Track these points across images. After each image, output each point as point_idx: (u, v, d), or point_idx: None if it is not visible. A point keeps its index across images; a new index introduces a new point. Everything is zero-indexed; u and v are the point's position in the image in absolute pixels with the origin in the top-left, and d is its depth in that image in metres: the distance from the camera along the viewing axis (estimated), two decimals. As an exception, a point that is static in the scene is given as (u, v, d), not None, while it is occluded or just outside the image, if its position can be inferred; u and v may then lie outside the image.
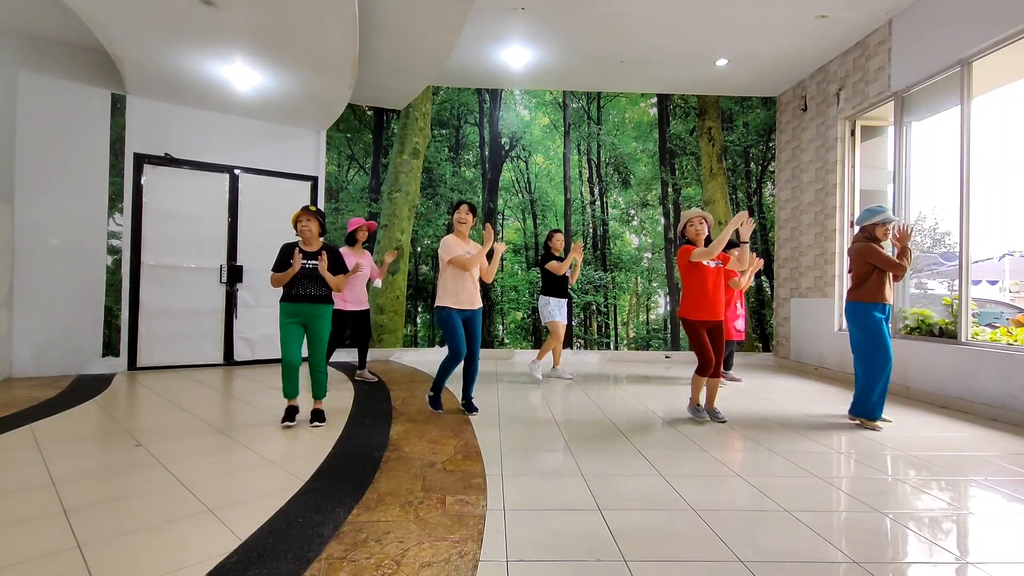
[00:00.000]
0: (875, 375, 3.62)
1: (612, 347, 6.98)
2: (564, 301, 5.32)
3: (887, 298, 3.64)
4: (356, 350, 5.20)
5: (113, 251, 5.42)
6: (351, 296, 4.85)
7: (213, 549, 1.82)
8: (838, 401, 4.53)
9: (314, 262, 3.45)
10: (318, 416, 3.51)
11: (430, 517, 2.09)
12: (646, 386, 5.11)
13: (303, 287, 3.43)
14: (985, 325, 4.75)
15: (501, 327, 6.94)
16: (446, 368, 3.73)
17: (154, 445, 2.99)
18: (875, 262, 3.62)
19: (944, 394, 4.36)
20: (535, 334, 6.92)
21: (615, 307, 7.01)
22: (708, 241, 3.71)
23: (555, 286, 5.27)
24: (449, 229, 6.93)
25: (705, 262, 3.59)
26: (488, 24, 5.32)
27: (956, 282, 4.42)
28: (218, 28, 4.23)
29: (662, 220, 7.08)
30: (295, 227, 3.48)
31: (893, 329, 5.04)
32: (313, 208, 3.48)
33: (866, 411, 3.67)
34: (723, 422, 3.67)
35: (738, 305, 5.25)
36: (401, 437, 3.23)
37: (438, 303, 3.70)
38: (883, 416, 3.71)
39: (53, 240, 5.12)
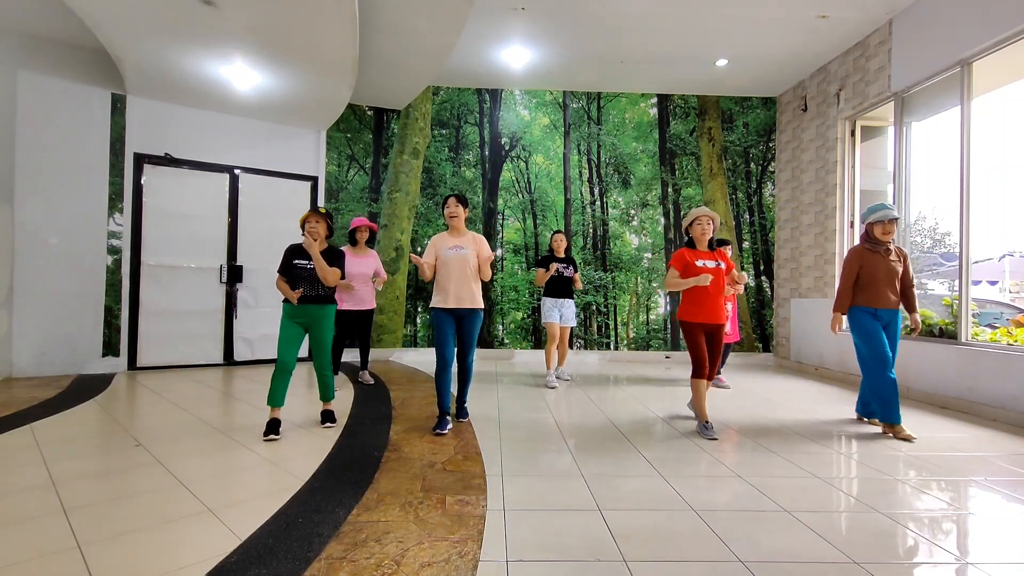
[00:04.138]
0: (866, 376, 3.59)
1: (612, 347, 6.98)
2: (563, 301, 5.14)
3: (877, 302, 3.53)
4: (362, 351, 5.15)
5: (113, 251, 5.42)
6: (347, 295, 4.80)
7: (213, 549, 1.82)
8: (838, 401, 4.53)
9: (310, 263, 3.38)
10: (328, 416, 3.48)
11: (430, 517, 2.09)
12: (646, 387, 5.11)
13: (306, 289, 3.38)
14: (985, 325, 4.75)
15: (501, 327, 6.94)
16: (437, 379, 3.47)
17: (154, 445, 2.99)
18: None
19: (944, 394, 4.36)
20: (535, 334, 6.92)
21: (615, 307, 7.01)
22: (711, 244, 3.55)
23: (551, 286, 5.14)
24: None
25: (701, 263, 3.43)
26: (488, 24, 5.32)
27: (956, 282, 4.42)
28: (218, 28, 4.23)
29: (662, 220, 7.08)
30: (302, 228, 3.38)
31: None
32: (323, 210, 3.45)
33: (871, 412, 3.67)
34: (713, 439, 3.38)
35: (727, 307, 5.27)
36: (401, 437, 3.23)
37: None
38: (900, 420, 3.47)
39: (53, 240, 5.12)
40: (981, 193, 4.34)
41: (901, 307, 3.69)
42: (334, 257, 3.47)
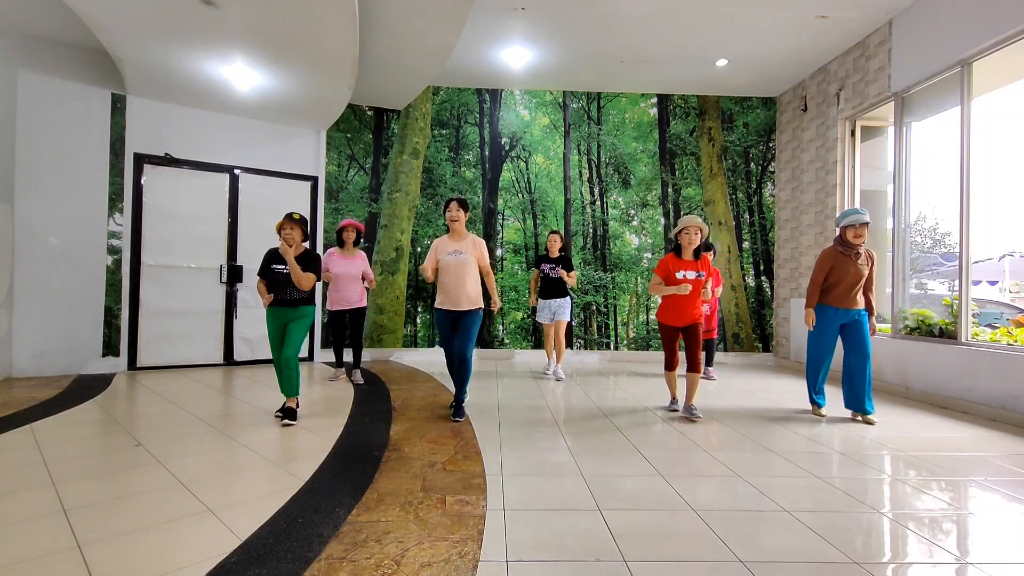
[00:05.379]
0: (808, 365, 4.05)
1: (612, 347, 6.98)
2: (555, 301, 5.38)
3: (840, 302, 3.81)
4: (354, 351, 5.15)
5: (113, 251, 5.42)
6: (336, 296, 4.88)
7: (213, 549, 1.82)
8: (838, 401, 4.52)
9: (286, 268, 3.57)
10: (289, 414, 3.51)
11: (430, 517, 2.09)
12: (646, 386, 5.11)
13: (281, 292, 3.59)
14: (985, 325, 4.75)
15: (501, 327, 6.94)
16: (447, 364, 3.84)
17: (154, 445, 2.99)
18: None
19: (944, 394, 4.36)
20: (535, 334, 6.92)
21: (615, 307, 7.01)
22: (697, 252, 3.81)
23: (543, 288, 5.44)
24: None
25: (681, 274, 3.73)
26: (488, 24, 5.32)
27: (956, 282, 4.42)
28: (218, 28, 4.23)
29: (662, 220, 7.08)
30: (279, 233, 3.56)
31: (893, 330, 5.05)
32: (297, 216, 3.57)
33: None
34: (697, 419, 3.74)
35: (705, 307, 5.32)
36: (401, 437, 3.23)
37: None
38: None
39: (53, 240, 5.12)
40: (981, 193, 4.34)
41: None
42: (309, 261, 3.62)
